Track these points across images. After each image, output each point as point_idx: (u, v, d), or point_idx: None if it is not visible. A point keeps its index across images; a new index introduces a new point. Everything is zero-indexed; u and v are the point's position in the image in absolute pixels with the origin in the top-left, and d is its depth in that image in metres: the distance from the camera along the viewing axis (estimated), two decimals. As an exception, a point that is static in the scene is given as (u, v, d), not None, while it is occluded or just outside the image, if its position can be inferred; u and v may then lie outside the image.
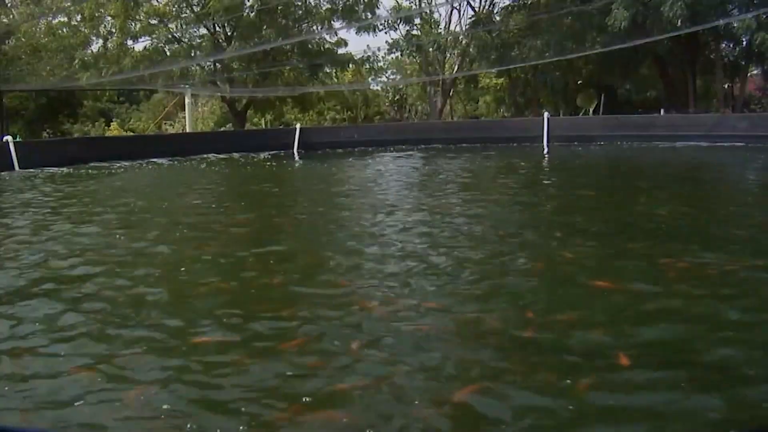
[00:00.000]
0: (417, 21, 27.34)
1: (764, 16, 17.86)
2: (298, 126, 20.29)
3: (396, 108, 33.77)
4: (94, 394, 2.55)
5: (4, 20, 24.88)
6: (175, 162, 15.68)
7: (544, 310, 3.47)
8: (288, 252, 5.25)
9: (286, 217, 7.29)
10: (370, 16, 24.36)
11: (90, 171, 13.43)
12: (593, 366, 2.72)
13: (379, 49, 30.05)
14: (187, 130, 22.89)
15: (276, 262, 4.83)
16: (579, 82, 26.81)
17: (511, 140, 18.25)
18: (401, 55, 29.31)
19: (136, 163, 15.01)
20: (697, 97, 23.45)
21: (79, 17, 24.81)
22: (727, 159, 13.65)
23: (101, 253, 5.17)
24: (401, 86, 33.05)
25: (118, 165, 14.56)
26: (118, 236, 5.94)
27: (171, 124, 30.05)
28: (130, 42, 22.86)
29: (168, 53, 23.05)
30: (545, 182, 10.48)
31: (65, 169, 13.62)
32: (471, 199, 8.13)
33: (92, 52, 24.15)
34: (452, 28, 28.11)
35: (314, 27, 24.08)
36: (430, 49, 27.00)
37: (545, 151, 16.52)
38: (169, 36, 23.16)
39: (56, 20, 27.01)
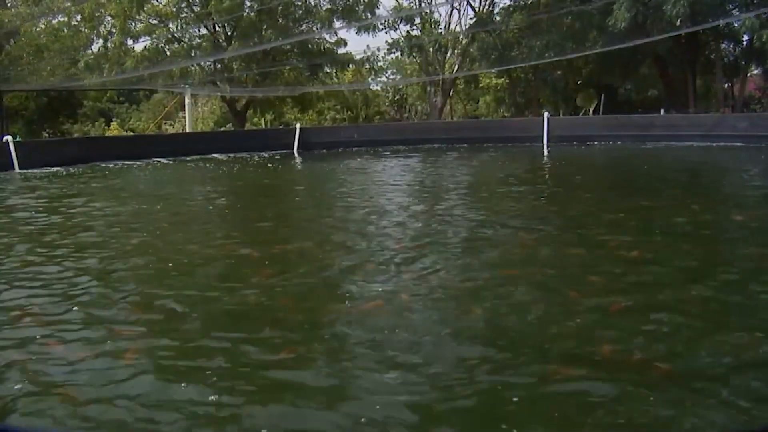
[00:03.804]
0: (417, 21, 27.36)
1: (765, 15, 17.84)
2: (298, 126, 20.27)
3: (396, 108, 33.77)
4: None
5: (6, 20, 24.80)
6: (176, 162, 15.66)
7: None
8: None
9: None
10: (370, 16, 24.37)
11: (94, 171, 13.42)
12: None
13: (379, 49, 30.09)
14: (187, 130, 22.88)
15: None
16: (579, 82, 26.83)
17: (511, 140, 18.24)
18: (401, 55, 29.31)
19: (136, 163, 14.97)
20: (697, 97, 23.45)
21: (78, 17, 24.78)
22: (726, 159, 13.62)
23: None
24: (401, 86, 33.06)
25: (118, 165, 14.55)
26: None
27: (171, 124, 30.05)
28: (130, 42, 22.87)
29: (168, 53, 23.04)
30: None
31: (65, 169, 13.60)
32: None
33: (92, 52, 24.14)
34: (452, 28, 28.13)
35: (314, 27, 24.08)
36: (430, 49, 27.01)
37: (545, 150, 16.51)
38: (169, 36, 23.16)
39: (56, 20, 26.98)
